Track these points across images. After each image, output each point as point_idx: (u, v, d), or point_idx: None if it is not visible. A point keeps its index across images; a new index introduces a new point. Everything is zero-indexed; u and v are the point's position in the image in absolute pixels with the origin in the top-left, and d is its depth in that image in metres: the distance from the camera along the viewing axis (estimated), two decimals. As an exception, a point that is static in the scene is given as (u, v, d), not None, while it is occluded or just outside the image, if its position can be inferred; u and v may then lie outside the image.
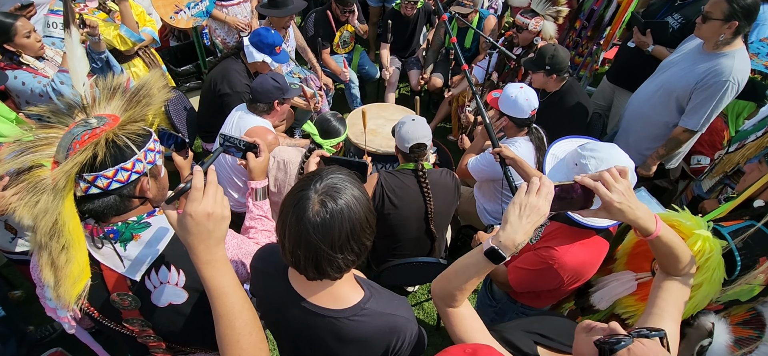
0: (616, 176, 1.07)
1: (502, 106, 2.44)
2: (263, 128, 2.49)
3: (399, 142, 2.22)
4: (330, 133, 2.30)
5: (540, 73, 2.81)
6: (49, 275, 1.00)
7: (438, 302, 1.19)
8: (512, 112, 2.40)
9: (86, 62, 1.42)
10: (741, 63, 2.31)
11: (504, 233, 1.00)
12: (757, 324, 1.53)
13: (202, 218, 0.91)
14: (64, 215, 0.98)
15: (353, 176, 1.03)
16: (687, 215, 1.58)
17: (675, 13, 2.95)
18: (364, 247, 1.02)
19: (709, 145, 3.00)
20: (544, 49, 2.79)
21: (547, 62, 2.74)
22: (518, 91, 2.36)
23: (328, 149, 2.28)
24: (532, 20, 3.30)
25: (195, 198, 0.91)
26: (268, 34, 2.89)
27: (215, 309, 0.94)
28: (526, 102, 2.34)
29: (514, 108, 2.38)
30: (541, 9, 3.30)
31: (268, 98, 2.50)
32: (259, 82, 2.49)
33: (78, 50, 1.41)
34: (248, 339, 0.95)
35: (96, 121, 1.05)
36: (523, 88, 2.37)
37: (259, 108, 2.52)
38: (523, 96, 2.34)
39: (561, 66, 2.73)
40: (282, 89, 2.53)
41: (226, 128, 2.57)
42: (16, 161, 0.98)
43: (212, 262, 0.94)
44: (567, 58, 2.75)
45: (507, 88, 2.42)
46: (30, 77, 2.43)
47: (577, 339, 1.02)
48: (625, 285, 1.80)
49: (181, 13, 3.50)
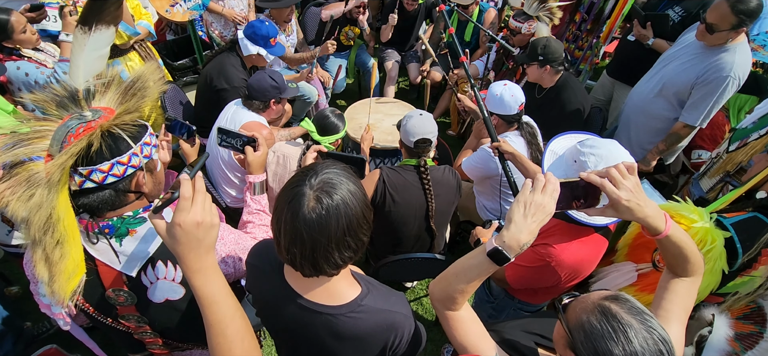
0: (623, 172, 1.03)
1: (489, 105, 2.43)
2: (258, 123, 2.47)
3: (404, 136, 2.19)
4: (328, 129, 2.27)
5: (534, 66, 2.80)
6: (44, 271, 0.98)
7: (437, 305, 1.16)
8: (500, 110, 2.39)
9: (103, 63, 1.39)
10: (742, 57, 2.29)
11: (508, 233, 0.97)
12: (758, 319, 1.53)
13: (192, 227, 0.88)
14: (58, 210, 0.96)
15: (349, 170, 1.01)
16: (688, 207, 1.57)
17: (676, 6, 2.94)
18: (361, 243, 1.00)
19: (710, 139, 2.99)
20: (536, 41, 2.78)
21: (540, 53, 2.72)
22: (502, 88, 2.36)
23: (326, 146, 2.24)
24: (525, 24, 3.28)
25: (184, 208, 0.88)
26: (261, 25, 2.85)
27: (206, 317, 0.92)
28: (511, 98, 2.34)
29: (502, 106, 2.37)
30: (534, 11, 3.28)
31: (264, 96, 2.48)
32: (257, 80, 2.46)
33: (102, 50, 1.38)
34: (241, 346, 0.93)
35: (91, 114, 1.03)
36: (507, 84, 2.37)
37: (255, 105, 2.50)
38: (508, 93, 2.34)
39: (554, 56, 2.71)
40: (279, 88, 2.51)
41: (221, 122, 2.54)
42: (9, 153, 0.95)
43: (202, 270, 0.91)
44: (560, 48, 2.73)
45: (491, 87, 2.43)
46: (33, 68, 2.43)
47: None
48: (625, 276, 1.80)
49: (177, 7, 3.46)
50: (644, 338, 0.84)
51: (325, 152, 1.67)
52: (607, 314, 0.88)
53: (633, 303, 0.90)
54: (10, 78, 2.42)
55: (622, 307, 0.88)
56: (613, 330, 0.85)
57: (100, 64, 1.37)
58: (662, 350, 0.84)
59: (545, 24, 3.31)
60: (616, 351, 0.84)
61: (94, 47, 1.36)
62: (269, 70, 2.56)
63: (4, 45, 2.39)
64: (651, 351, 0.83)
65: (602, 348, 0.85)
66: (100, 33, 1.38)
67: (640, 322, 0.86)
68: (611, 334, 0.85)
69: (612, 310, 0.88)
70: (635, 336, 0.84)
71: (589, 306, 0.91)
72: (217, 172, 2.64)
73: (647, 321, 0.86)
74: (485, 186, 2.64)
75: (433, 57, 3.55)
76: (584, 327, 0.89)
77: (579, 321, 0.91)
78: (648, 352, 0.83)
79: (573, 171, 1.44)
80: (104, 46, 1.39)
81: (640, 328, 0.85)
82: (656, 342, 0.84)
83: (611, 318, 0.87)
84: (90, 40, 1.36)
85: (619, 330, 0.85)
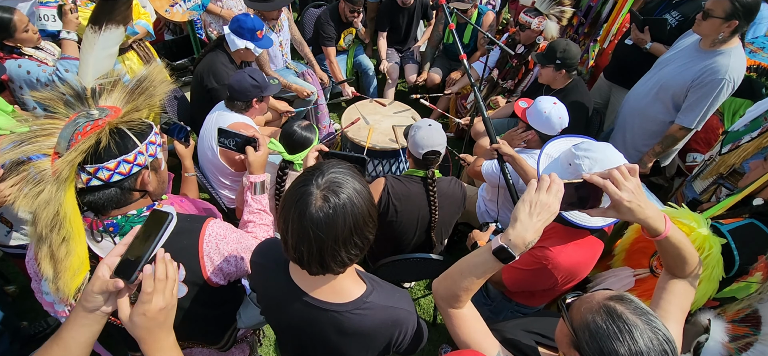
0: (625, 173, 1.06)
1: (531, 120, 2.34)
2: (244, 123, 2.46)
3: (412, 147, 2.12)
4: (297, 146, 2.15)
5: (550, 68, 2.79)
6: (49, 267, 0.99)
7: (440, 303, 1.18)
8: (542, 128, 2.31)
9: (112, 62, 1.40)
10: (737, 61, 2.32)
11: (514, 231, 0.99)
12: (753, 322, 1.54)
13: (155, 314, 0.88)
14: (65, 207, 0.97)
15: (354, 169, 1.03)
16: (686, 213, 1.58)
17: (673, 11, 2.96)
18: (366, 240, 1.02)
19: (704, 142, 3.02)
20: (557, 43, 2.76)
21: (559, 56, 2.71)
22: (552, 107, 2.26)
23: (298, 163, 2.15)
24: (535, 19, 3.28)
25: (146, 301, 0.87)
26: (247, 18, 2.82)
27: None
28: (558, 120, 2.26)
29: (546, 125, 2.28)
30: (545, 8, 3.28)
31: (246, 96, 2.46)
32: (237, 81, 2.44)
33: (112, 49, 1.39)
34: None
35: (98, 112, 1.04)
36: (557, 104, 2.28)
37: (238, 106, 2.49)
38: (556, 114, 2.25)
39: (572, 61, 2.72)
40: (260, 86, 2.49)
41: (207, 124, 2.53)
42: (15, 151, 0.96)
43: (162, 350, 0.92)
44: (578, 54, 2.73)
45: (539, 101, 2.31)
46: (34, 65, 2.43)
47: None
48: (622, 281, 1.81)
49: (176, 7, 3.46)
50: (650, 338, 0.85)
51: (326, 151, 1.68)
52: (613, 314, 0.88)
53: (637, 303, 0.91)
54: (11, 76, 2.42)
55: (627, 307, 0.89)
56: (619, 330, 0.86)
57: (109, 63, 1.38)
58: (667, 350, 0.85)
59: (554, 23, 3.32)
60: (621, 351, 0.84)
61: (103, 46, 1.38)
62: (249, 69, 2.55)
63: (5, 43, 2.39)
64: (656, 350, 0.84)
65: (608, 347, 0.86)
66: (110, 32, 1.39)
67: (645, 322, 0.87)
68: (617, 334, 0.86)
69: (617, 310, 0.88)
70: (641, 336, 0.85)
71: (594, 306, 0.91)
72: (211, 177, 2.65)
73: (652, 321, 0.87)
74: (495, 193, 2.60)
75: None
76: (589, 327, 0.89)
77: (584, 321, 0.91)
78: (653, 352, 0.84)
79: (568, 174, 1.45)
80: (114, 45, 1.40)
81: (646, 328, 0.86)
82: (661, 342, 0.85)
83: (617, 318, 0.87)
84: (100, 39, 1.37)
85: (624, 329, 0.86)
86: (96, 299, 0.86)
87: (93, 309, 0.87)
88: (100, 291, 0.86)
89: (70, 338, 0.88)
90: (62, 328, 0.89)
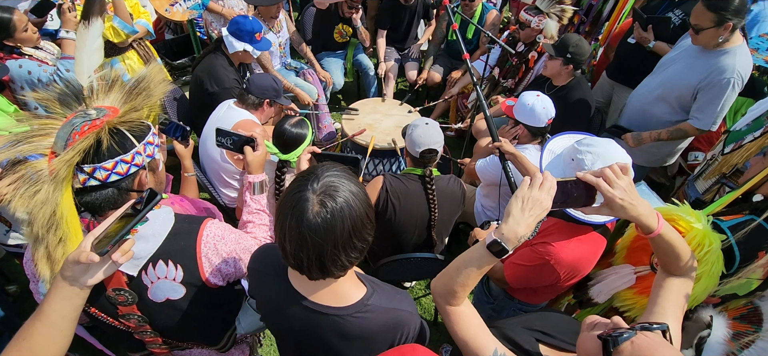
0: (617, 172, 1.08)
1: (517, 114, 2.37)
2: (251, 121, 2.46)
3: (409, 145, 2.12)
4: (289, 144, 2.10)
5: (558, 61, 2.78)
6: (45, 269, 0.98)
7: (438, 300, 1.19)
8: (528, 120, 2.34)
9: (100, 56, 1.40)
10: (743, 59, 2.30)
11: (506, 226, 1.01)
12: (754, 319, 1.54)
13: None
14: (61, 208, 0.96)
15: (348, 171, 1.02)
16: (687, 210, 1.58)
17: (676, 9, 2.95)
18: (366, 243, 1.01)
19: (706, 141, 3.01)
20: (569, 37, 2.77)
21: (570, 50, 2.71)
22: (535, 99, 2.30)
23: (294, 162, 2.11)
24: (535, 18, 3.28)
25: None
26: (245, 20, 2.82)
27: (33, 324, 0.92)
28: (542, 110, 2.28)
29: (531, 117, 2.31)
30: (546, 7, 3.28)
31: (261, 93, 2.48)
32: (260, 77, 2.49)
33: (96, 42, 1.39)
34: None
35: (95, 112, 1.03)
36: (540, 96, 2.31)
37: (249, 101, 2.49)
38: (539, 105, 2.28)
39: (582, 58, 2.72)
40: (278, 91, 2.54)
41: (213, 120, 2.54)
42: (11, 151, 0.95)
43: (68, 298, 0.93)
44: (588, 52, 2.73)
45: (523, 95, 2.35)
46: (35, 65, 2.44)
47: (582, 335, 1.01)
48: (623, 278, 1.80)
49: (176, 6, 3.47)
50: None
51: (319, 153, 1.67)
52: None
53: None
54: (12, 76, 2.42)
55: None
56: None
57: (99, 57, 1.38)
58: None
59: (555, 21, 3.32)
60: None
61: (91, 40, 1.38)
62: (273, 75, 2.60)
63: (5, 44, 2.39)
64: None
65: None
66: (93, 25, 1.41)
67: None
68: None
69: None
70: None
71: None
72: (215, 174, 2.64)
73: None
74: (492, 191, 2.63)
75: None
76: None
77: None
78: None
79: (570, 169, 1.46)
80: (97, 37, 1.41)
81: None
82: None
83: None
84: (89, 33, 1.38)
85: None
86: (74, 269, 0.90)
87: (72, 280, 0.90)
88: (74, 261, 0.89)
89: (52, 310, 0.91)
90: (43, 302, 0.91)
